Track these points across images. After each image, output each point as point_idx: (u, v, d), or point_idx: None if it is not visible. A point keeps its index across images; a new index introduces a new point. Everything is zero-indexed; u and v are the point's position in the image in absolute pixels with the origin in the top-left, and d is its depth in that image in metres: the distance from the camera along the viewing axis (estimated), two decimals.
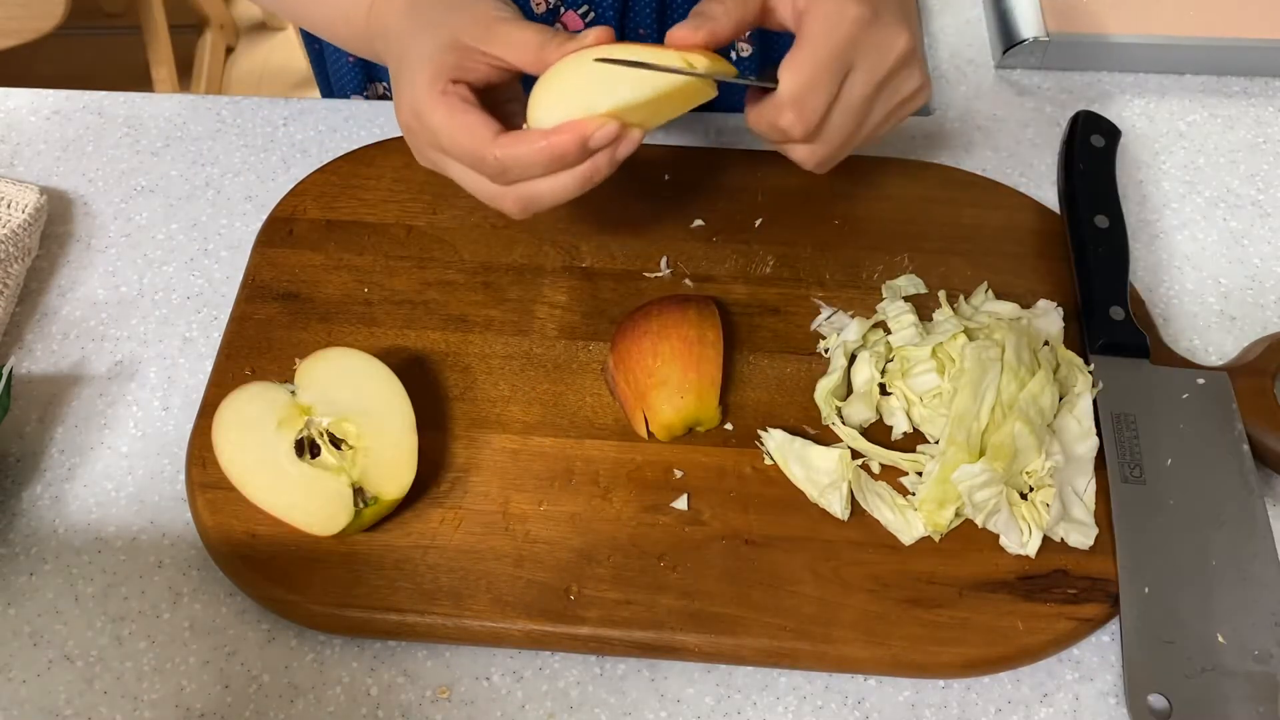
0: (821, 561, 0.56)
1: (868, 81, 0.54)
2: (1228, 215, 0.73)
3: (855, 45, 0.52)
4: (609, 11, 0.76)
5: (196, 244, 0.71)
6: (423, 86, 0.54)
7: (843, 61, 0.53)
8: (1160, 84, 0.80)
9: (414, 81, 0.54)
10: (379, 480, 0.55)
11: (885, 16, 0.53)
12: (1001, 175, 0.74)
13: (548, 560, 0.56)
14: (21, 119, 0.77)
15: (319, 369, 0.58)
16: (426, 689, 0.54)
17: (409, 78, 0.55)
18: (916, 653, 0.53)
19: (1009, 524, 0.56)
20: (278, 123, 0.77)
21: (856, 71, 0.53)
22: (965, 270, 0.67)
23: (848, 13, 0.52)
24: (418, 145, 0.57)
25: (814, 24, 0.52)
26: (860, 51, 0.53)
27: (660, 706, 0.54)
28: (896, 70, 0.55)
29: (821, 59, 0.52)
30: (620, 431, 0.61)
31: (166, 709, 0.54)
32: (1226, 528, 0.57)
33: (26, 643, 0.56)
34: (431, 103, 0.53)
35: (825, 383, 0.61)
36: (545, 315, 0.65)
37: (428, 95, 0.53)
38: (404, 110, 0.56)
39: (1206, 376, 0.62)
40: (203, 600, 0.57)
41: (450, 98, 0.53)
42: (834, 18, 0.52)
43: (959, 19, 0.85)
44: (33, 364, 0.65)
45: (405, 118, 0.56)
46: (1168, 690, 0.52)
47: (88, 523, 0.59)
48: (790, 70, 0.53)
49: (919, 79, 0.56)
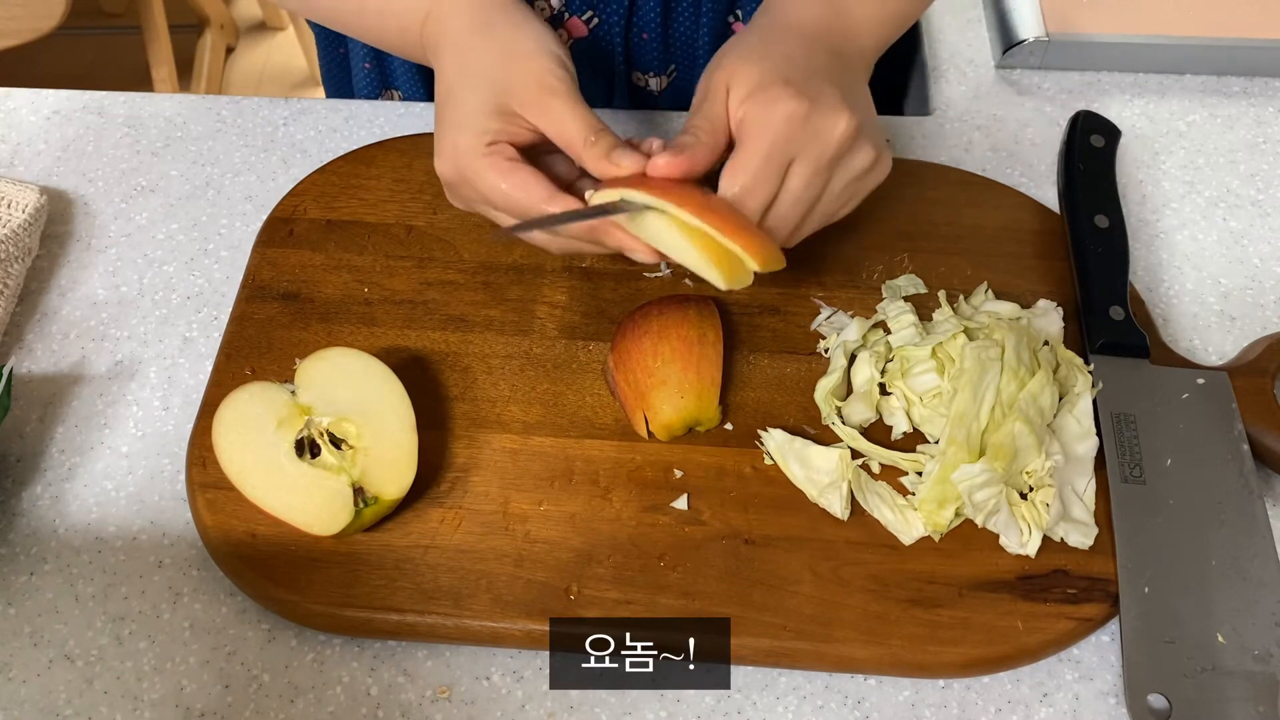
0: (821, 561, 0.56)
1: (809, 170, 0.54)
2: (1228, 215, 0.73)
3: (790, 141, 0.53)
4: (614, 17, 0.76)
5: (196, 244, 0.71)
6: (466, 149, 0.55)
7: (779, 159, 0.53)
8: (1160, 84, 0.80)
9: (456, 144, 0.55)
10: (379, 480, 0.55)
11: (823, 102, 0.53)
12: (1001, 175, 0.74)
13: (548, 560, 0.56)
14: (21, 119, 0.77)
15: (319, 369, 0.58)
16: (426, 689, 0.54)
17: (452, 137, 0.55)
18: (916, 653, 0.53)
19: (1009, 524, 0.56)
20: (278, 123, 0.77)
21: (796, 163, 0.54)
22: (965, 270, 0.67)
23: (777, 111, 0.52)
24: (458, 195, 0.58)
25: (747, 129, 0.53)
26: (797, 144, 0.53)
27: (660, 706, 0.54)
28: (841, 153, 0.54)
29: (755, 162, 0.53)
30: (620, 431, 0.61)
31: (166, 709, 0.54)
32: (1226, 528, 0.57)
33: (26, 643, 0.56)
34: (478, 166, 0.54)
35: (825, 382, 0.61)
36: (545, 315, 0.65)
37: (472, 159, 0.54)
38: (445, 164, 0.56)
39: (1206, 376, 0.62)
40: (203, 600, 0.57)
41: (495, 158, 0.54)
42: (764, 118, 0.53)
43: (959, 19, 0.85)
44: (33, 364, 0.65)
45: (446, 171, 0.57)
46: (1168, 690, 0.52)
47: (88, 523, 0.59)
48: (727, 176, 0.54)
49: (870, 154, 0.56)
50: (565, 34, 0.77)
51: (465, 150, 0.55)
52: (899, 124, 0.78)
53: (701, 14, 0.77)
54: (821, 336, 0.64)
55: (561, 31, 0.77)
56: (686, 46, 0.79)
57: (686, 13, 0.77)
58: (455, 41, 0.58)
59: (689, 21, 0.78)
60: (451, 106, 0.56)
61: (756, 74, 0.54)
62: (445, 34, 0.58)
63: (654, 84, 0.80)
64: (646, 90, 0.81)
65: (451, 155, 0.56)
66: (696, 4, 0.77)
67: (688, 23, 0.78)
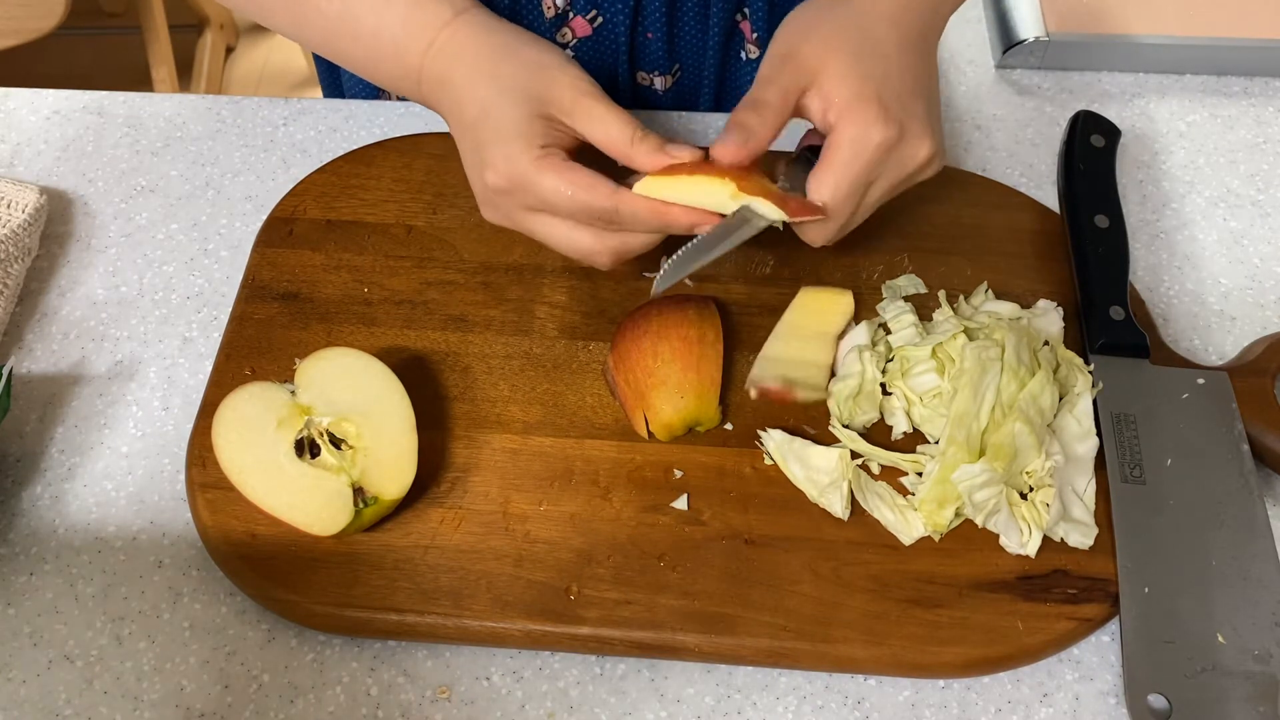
0: (821, 561, 0.56)
1: (886, 188, 0.57)
2: (1228, 215, 0.73)
3: (879, 165, 0.55)
4: (619, 17, 0.76)
5: (196, 244, 0.71)
6: (519, 156, 0.55)
7: (866, 181, 0.56)
8: (1160, 84, 0.80)
9: (508, 154, 0.55)
10: (379, 480, 0.55)
11: (911, 131, 0.55)
12: (1001, 175, 0.74)
13: (548, 560, 0.56)
14: (21, 119, 0.77)
15: (319, 369, 0.58)
16: (426, 689, 0.54)
17: (501, 148, 0.56)
18: (916, 653, 0.53)
19: (1009, 524, 0.56)
20: (278, 123, 0.77)
21: (878, 182, 0.56)
22: (965, 270, 0.67)
23: (873, 138, 0.54)
24: (507, 208, 0.58)
25: (841, 149, 0.55)
26: (883, 168, 0.56)
27: (660, 706, 0.54)
28: (916, 174, 0.58)
29: (845, 183, 0.55)
30: (620, 431, 0.61)
31: (166, 709, 0.54)
32: (1226, 528, 0.57)
33: (26, 643, 0.56)
34: (536, 168, 0.55)
35: (842, 387, 0.61)
36: (545, 315, 0.65)
37: (528, 163, 0.55)
38: (497, 175, 0.56)
39: (1206, 376, 0.62)
40: (203, 600, 0.57)
41: (553, 159, 0.55)
42: (860, 142, 0.54)
43: (959, 19, 0.85)
44: (33, 364, 0.65)
45: (498, 182, 0.56)
46: (1168, 690, 0.52)
47: (88, 523, 0.59)
48: (817, 184, 0.55)
49: (936, 167, 0.58)
50: (569, 33, 0.77)
51: (518, 157, 0.55)
52: None
53: (710, 14, 0.77)
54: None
55: (566, 31, 0.77)
56: (692, 46, 0.79)
57: (693, 13, 0.77)
58: (478, 67, 0.58)
59: (696, 21, 0.78)
60: (491, 122, 0.56)
61: (855, 83, 0.55)
62: (460, 63, 0.58)
63: (659, 83, 0.80)
64: (651, 89, 0.81)
65: (505, 165, 0.56)
66: (704, 4, 0.76)
67: (694, 23, 0.78)
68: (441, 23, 0.58)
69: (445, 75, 0.58)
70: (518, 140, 0.55)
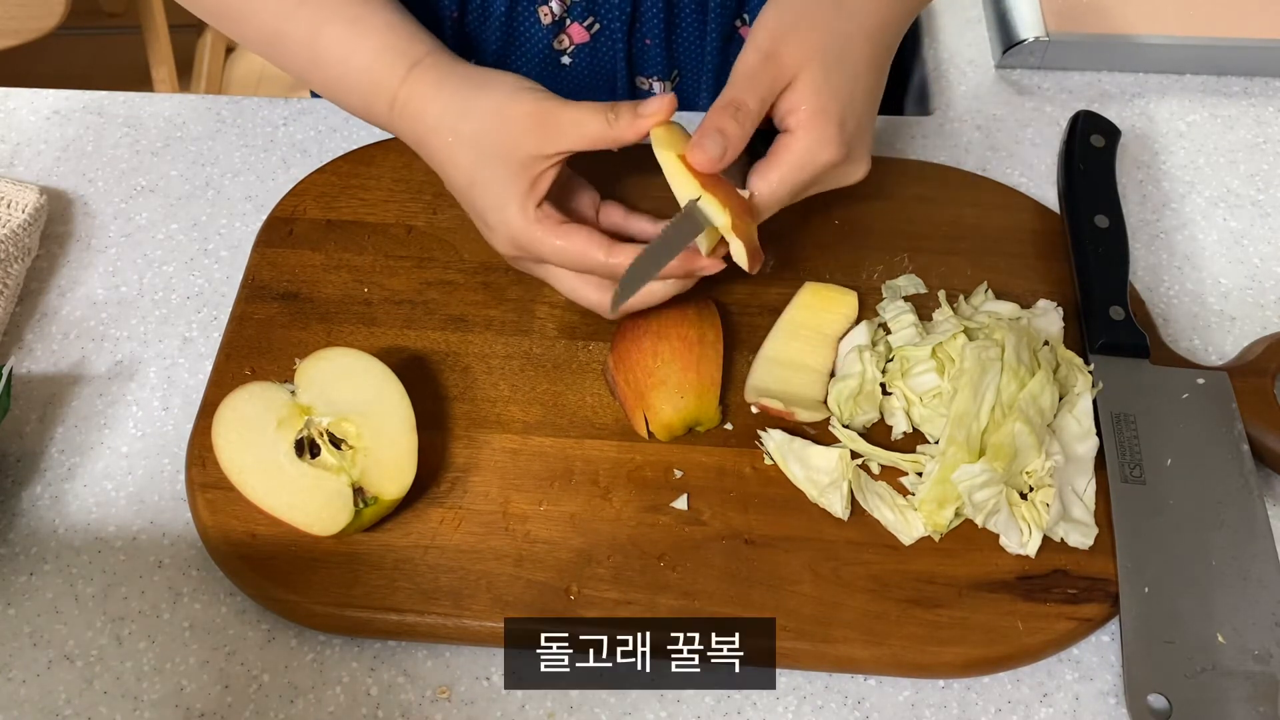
0: (821, 561, 0.56)
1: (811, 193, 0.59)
2: (1228, 215, 0.73)
3: (818, 181, 0.58)
4: (616, 23, 0.76)
5: (196, 244, 0.71)
6: (515, 220, 0.57)
7: (803, 191, 0.58)
8: (1160, 84, 0.80)
9: (505, 220, 0.57)
10: (379, 480, 0.55)
11: (855, 154, 0.58)
12: (1001, 175, 0.74)
13: (548, 560, 0.56)
14: (21, 119, 0.77)
15: (319, 369, 0.58)
16: (426, 689, 0.54)
17: (498, 216, 0.58)
18: (916, 653, 0.53)
19: (1009, 524, 0.56)
20: (278, 123, 0.77)
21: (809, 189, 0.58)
22: (965, 270, 0.67)
23: (823, 156, 0.56)
24: (520, 264, 0.61)
25: (791, 154, 0.56)
26: (820, 181, 0.58)
27: (660, 706, 0.54)
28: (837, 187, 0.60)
29: (784, 189, 0.57)
30: (620, 431, 0.61)
31: (166, 709, 0.54)
32: (1226, 528, 0.57)
33: (26, 643, 0.56)
34: (534, 233, 0.57)
35: (842, 387, 0.60)
36: (545, 315, 0.65)
37: (525, 228, 0.57)
38: (503, 243, 0.59)
39: (1206, 376, 0.62)
40: (203, 600, 0.57)
41: (548, 222, 0.57)
42: (810, 154, 0.56)
43: (959, 19, 0.85)
44: (33, 364, 0.65)
45: (506, 249, 0.60)
46: (1168, 690, 0.52)
47: (88, 523, 0.59)
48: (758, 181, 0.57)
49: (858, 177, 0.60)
50: (567, 40, 0.77)
51: (515, 224, 0.57)
52: (899, 124, 0.78)
53: (708, 19, 0.77)
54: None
55: (563, 38, 0.77)
56: (691, 51, 0.79)
57: (691, 18, 0.77)
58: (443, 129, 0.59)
59: (694, 27, 0.77)
60: (479, 189, 0.58)
61: (823, 98, 0.56)
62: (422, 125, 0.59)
63: (657, 88, 0.80)
64: (649, 94, 0.81)
65: (506, 234, 0.58)
66: (702, 10, 0.76)
67: (693, 28, 0.77)
68: (399, 80, 0.60)
69: (418, 114, 0.60)
70: (510, 205, 0.57)
